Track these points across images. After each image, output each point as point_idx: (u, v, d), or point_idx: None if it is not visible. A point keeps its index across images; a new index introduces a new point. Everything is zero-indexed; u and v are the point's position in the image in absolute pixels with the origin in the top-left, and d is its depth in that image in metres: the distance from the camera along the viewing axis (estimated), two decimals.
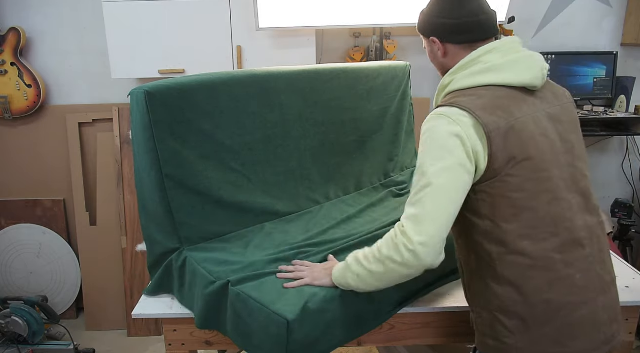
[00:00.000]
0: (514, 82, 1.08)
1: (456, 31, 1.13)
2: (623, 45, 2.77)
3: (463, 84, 1.10)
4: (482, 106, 1.03)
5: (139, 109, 1.27)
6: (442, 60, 1.18)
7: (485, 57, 1.10)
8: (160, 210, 1.31)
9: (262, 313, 1.12)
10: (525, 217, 1.03)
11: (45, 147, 2.75)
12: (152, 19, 2.27)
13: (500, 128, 1.01)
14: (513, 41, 1.13)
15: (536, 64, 1.11)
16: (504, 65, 1.08)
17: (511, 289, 1.04)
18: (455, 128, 1.01)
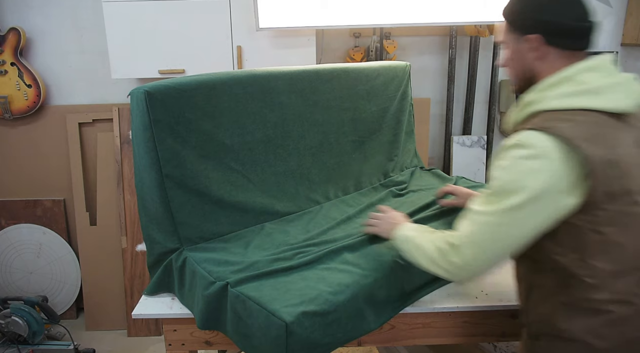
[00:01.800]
0: (612, 108, 0.98)
1: (570, 34, 1.01)
2: (623, 45, 2.77)
3: (556, 104, 0.98)
4: (583, 135, 0.93)
5: (139, 109, 1.27)
6: (531, 64, 1.05)
7: (582, 76, 0.99)
8: (160, 210, 1.31)
9: (261, 314, 1.12)
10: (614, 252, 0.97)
11: (45, 147, 2.75)
12: (152, 19, 2.27)
13: (602, 159, 0.93)
14: (611, 61, 1.03)
15: (635, 89, 1.02)
16: (602, 88, 0.98)
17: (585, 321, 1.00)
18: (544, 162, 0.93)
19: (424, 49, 2.73)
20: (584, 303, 0.99)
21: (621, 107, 0.98)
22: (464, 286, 1.43)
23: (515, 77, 1.10)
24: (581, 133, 0.93)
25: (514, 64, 1.08)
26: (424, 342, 1.40)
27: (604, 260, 0.97)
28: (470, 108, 2.74)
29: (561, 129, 0.93)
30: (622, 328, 0.99)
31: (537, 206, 0.94)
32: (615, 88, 0.99)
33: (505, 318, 1.38)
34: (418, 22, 2.31)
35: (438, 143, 2.86)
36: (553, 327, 1.03)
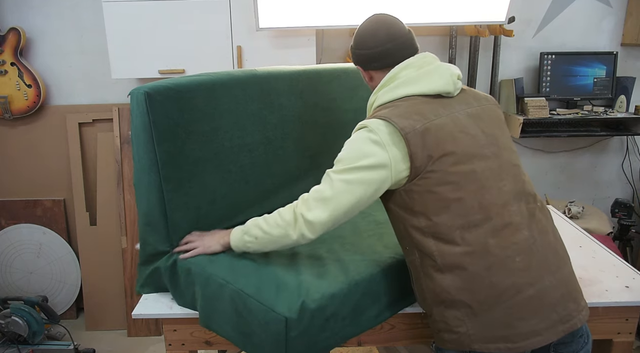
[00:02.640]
0: (428, 90, 1.18)
1: (372, 59, 1.26)
2: (623, 45, 2.77)
3: (384, 99, 1.21)
4: (398, 114, 1.13)
5: (139, 110, 1.27)
6: (370, 84, 1.31)
7: (401, 73, 1.22)
8: (155, 211, 1.31)
9: (260, 311, 1.12)
10: (454, 208, 1.09)
11: (45, 147, 2.75)
12: (152, 19, 2.27)
13: (416, 129, 1.10)
14: (425, 56, 1.25)
15: (446, 72, 1.20)
16: (418, 77, 1.19)
17: (453, 277, 1.09)
18: (374, 136, 1.11)
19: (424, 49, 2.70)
20: (448, 262, 1.09)
21: (436, 88, 1.18)
22: None
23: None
24: (397, 113, 1.13)
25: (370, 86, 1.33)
26: (424, 342, 1.40)
27: (448, 216, 1.09)
28: None
29: (383, 114, 1.14)
30: (490, 280, 1.07)
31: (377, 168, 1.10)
32: (429, 75, 1.20)
33: None
34: (418, 22, 2.31)
35: None
36: (436, 296, 1.12)
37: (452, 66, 1.24)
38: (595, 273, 1.46)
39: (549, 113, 2.62)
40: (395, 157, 1.10)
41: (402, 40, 1.25)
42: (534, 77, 2.79)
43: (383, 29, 1.25)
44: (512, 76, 2.75)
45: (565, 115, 2.66)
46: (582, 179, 2.98)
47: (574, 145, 2.91)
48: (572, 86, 2.72)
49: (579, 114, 2.67)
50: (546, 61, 2.68)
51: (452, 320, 1.10)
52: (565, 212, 2.57)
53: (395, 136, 1.10)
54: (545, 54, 2.68)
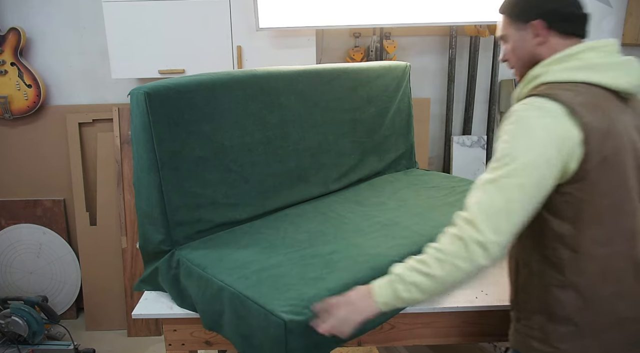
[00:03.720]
0: (612, 84, 1.02)
1: (568, 19, 1.07)
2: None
3: (560, 76, 1.03)
4: (583, 103, 0.97)
5: (139, 110, 1.27)
6: (534, 50, 1.08)
7: (584, 54, 1.04)
8: (155, 211, 1.31)
9: (259, 313, 1.12)
10: (608, 224, 0.99)
11: (45, 147, 2.75)
12: (152, 19, 2.27)
13: (600, 129, 0.96)
14: (613, 43, 1.07)
15: (635, 70, 1.05)
16: (603, 66, 1.03)
17: (576, 296, 1.01)
18: (551, 122, 0.95)
19: (424, 49, 2.73)
20: (577, 280, 1.00)
21: (621, 85, 1.02)
22: (464, 286, 1.43)
23: (519, 66, 1.13)
24: (581, 101, 0.97)
25: (517, 53, 1.12)
26: (424, 342, 1.41)
27: (598, 232, 0.99)
28: (470, 108, 2.74)
29: (562, 95, 0.98)
30: (613, 307, 1.00)
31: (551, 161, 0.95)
32: (615, 66, 1.04)
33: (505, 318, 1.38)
34: (418, 22, 2.31)
35: (438, 143, 2.86)
36: (546, 307, 1.04)
37: (637, 62, 1.06)
38: None
39: None
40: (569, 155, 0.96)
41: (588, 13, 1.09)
42: None
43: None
44: (512, 76, 2.75)
45: None
46: None
47: None
48: None
49: None
50: None
51: (553, 334, 1.04)
52: None
53: (575, 130, 0.96)
54: None
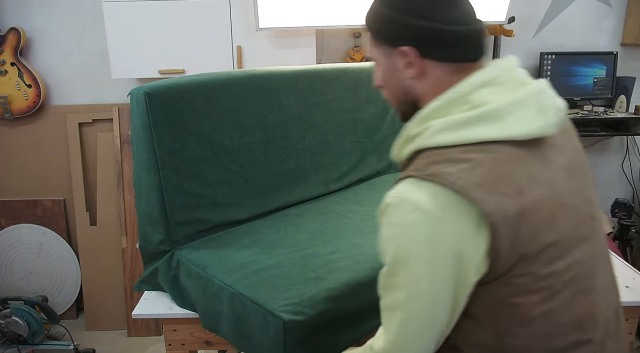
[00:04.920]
0: (522, 134, 0.73)
1: (443, 42, 0.77)
2: (623, 45, 2.77)
3: (443, 139, 0.73)
4: (480, 181, 0.69)
5: (139, 110, 1.27)
6: (410, 85, 0.81)
7: (476, 95, 0.75)
8: (155, 211, 1.31)
9: (259, 313, 1.12)
10: (538, 325, 0.74)
11: (45, 147, 2.75)
12: (152, 19, 2.27)
13: (508, 214, 0.69)
14: (513, 66, 0.79)
15: (548, 102, 0.77)
16: (504, 109, 0.73)
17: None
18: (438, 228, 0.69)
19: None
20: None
21: (534, 131, 0.73)
22: None
23: (395, 101, 0.87)
24: (478, 178, 0.69)
25: (389, 85, 0.85)
26: None
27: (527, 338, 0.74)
28: None
29: (450, 176, 0.69)
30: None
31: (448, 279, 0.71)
32: (522, 106, 0.74)
33: None
34: None
35: None
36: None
37: (548, 89, 0.80)
38: None
39: None
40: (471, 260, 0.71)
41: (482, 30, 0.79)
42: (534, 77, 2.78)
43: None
44: None
45: None
46: None
47: None
48: (572, 86, 2.72)
49: (579, 114, 2.67)
50: (546, 61, 2.68)
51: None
52: None
53: (473, 222, 0.69)
54: (545, 54, 2.67)
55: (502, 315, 0.74)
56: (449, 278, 0.71)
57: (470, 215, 0.69)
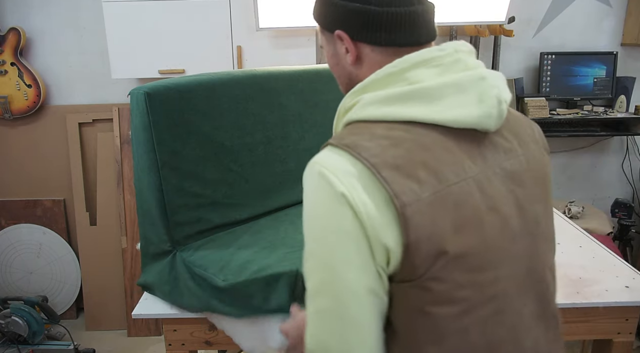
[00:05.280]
0: (453, 120, 0.67)
1: (376, 25, 0.71)
2: (623, 45, 2.77)
3: (371, 113, 0.69)
4: (395, 161, 0.63)
5: (139, 110, 1.27)
6: (351, 70, 0.77)
7: (414, 73, 0.69)
8: (156, 211, 1.31)
9: None
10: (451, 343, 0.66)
11: (45, 147, 2.75)
12: (152, 19, 2.27)
13: (422, 200, 0.62)
14: (459, 49, 0.72)
15: (490, 90, 0.69)
16: (439, 90, 0.67)
17: None
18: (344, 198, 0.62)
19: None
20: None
21: (468, 119, 0.67)
22: None
23: (343, 88, 0.82)
24: (393, 157, 0.63)
25: (337, 72, 0.81)
26: None
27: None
28: None
29: (364, 151, 0.64)
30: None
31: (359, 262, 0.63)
32: (459, 89, 0.67)
33: None
34: None
35: None
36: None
37: (495, 77, 0.73)
38: (595, 273, 1.46)
39: (549, 113, 2.62)
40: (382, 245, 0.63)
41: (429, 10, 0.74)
42: (534, 77, 2.79)
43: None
44: (512, 76, 2.75)
45: (565, 115, 2.66)
46: (582, 179, 2.98)
47: (574, 145, 2.91)
48: (572, 86, 2.72)
49: (579, 114, 2.67)
50: (546, 61, 2.68)
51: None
52: (565, 212, 2.57)
53: (383, 204, 0.62)
54: (545, 54, 2.67)
55: (416, 325, 0.66)
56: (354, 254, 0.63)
57: (380, 194, 0.62)
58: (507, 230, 0.69)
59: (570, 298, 1.34)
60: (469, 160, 0.68)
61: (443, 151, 0.66)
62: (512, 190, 0.71)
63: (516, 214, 0.71)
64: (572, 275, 1.46)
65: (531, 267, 0.73)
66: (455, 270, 0.64)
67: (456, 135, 0.68)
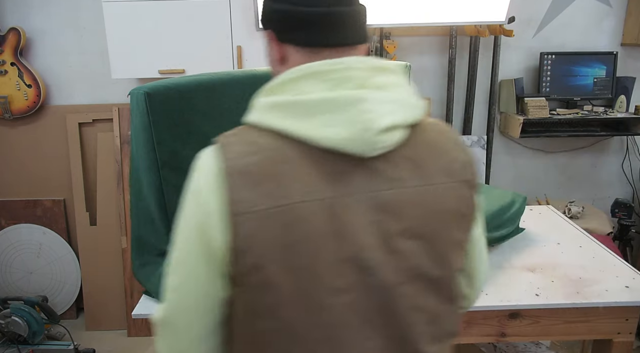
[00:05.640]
0: (319, 139, 0.65)
1: (297, 25, 0.70)
2: (623, 45, 2.77)
3: (255, 117, 0.69)
4: (247, 168, 0.64)
5: (139, 110, 1.27)
6: (277, 69, 0.75)
7: (305, 83, 0.67)
8: (155, 212, 1.31)
9: None
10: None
11: (45, 147, 2.75)
12: (152, 19, 2.27)
13: (257, 212, 0.63)
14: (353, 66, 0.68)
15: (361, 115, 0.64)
16: (317, 106, 0.65)
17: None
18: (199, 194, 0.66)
19: (424, 49, 2.73)
20: None
21: (335, 142, 0.64)
22: None
23: None
24: (244, 166, 0.64)
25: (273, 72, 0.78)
26: None
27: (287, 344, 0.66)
28: (470, 108, 2.74)
29: (229, 152, 0.66)
30: None
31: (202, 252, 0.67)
32: (334, 108, 0.64)
33: (505, 318, 1.38)
34: (418, 22, 2.31)
35: None
36: None
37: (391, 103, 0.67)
38: (595, 273, 1.46)
39: (549, 113, 2.62)
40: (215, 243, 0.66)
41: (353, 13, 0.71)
42: (534, 77, 2.79)
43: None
44: (512, 76, 2.75)
45: (565, 115, 2.66)
46: (582, 179, 2.98)
47: (574, 145, 2.91)
48: (572, 86, 2.72)
49: (579, 114, 2.67)
50: (546, 61, 2.68)
51: None
52: (565, 212, 2.57)
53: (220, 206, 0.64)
54: (545, 54, 2.67)
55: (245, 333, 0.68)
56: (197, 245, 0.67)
57: (222, 197, 0.64)
58: (356, 260, 0.65)
59: (570, 298, 1.34)
60: (326, 182, 0.65)
61: (300, 168, 0.65)
62: (378, 221, 0.66)
63: (377, 246, 0.66)
64: (572, 275, 1.46)
65: (386, 303, 0.67)
66: (282, 287, 0.64)
67: (324, 155, 0.65)
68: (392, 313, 0.68)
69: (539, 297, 1.35)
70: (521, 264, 1.52)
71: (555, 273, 1.46)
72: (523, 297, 1.35)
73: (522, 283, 1.42)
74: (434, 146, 0.72)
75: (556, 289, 1.38)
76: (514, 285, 1.41)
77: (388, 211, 0.67)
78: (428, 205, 0.69)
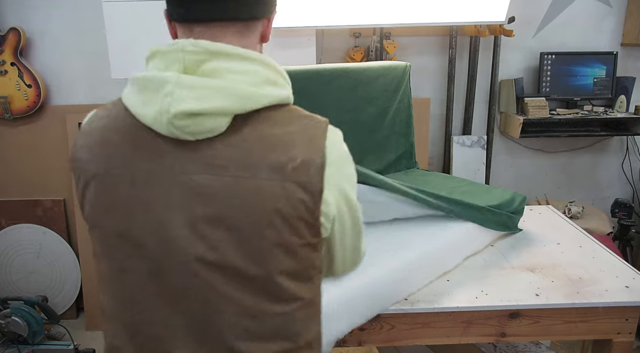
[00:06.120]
0: (137, 114, 0.71)
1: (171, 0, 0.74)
2: (623, 45, 2.77)
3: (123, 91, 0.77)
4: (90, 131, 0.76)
5: None
6: None
7: (152, 62, 0.73)
8: None
9: None
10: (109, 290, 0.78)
11: (45, 147, 2.75)
12: (152, 19, 2.27)
13: (86, 172, 0.73)
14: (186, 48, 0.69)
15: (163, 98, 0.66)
16: (144, 83, 0.70)
17: None
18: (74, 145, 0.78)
19: (424, 49, 2.73)
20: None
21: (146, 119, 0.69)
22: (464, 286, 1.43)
23: None
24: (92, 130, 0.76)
25: None
26: (424, 342, 1.40)
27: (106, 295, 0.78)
28: (470, 108, 2.74)
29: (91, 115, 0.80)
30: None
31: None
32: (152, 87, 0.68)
33: (505, 318, 1.38)
34: (418, 22, 2.31)
35: (438, 143, 2.86)
36: None
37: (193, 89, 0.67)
38: (595, 273, 1.46)
39: (549, 113, 2.62)
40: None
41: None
42: (534, 77, 2.79)
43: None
44: (512, 76, 2.75)
45: (565, 115, 2.66)
46: (582, 179, 2.98)
47: (574, 145, 2.91)
48: (572, 86, 2.72)
49: (579, 114, 2.67)
50: (546, 61, 2.68)
51: None
52: (565, 212, 2.57)
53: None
54: (545, 54, 2.67)
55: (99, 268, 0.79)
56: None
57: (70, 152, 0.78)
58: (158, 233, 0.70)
59: (570, 298, 1.34)
60: (144, 155, 0.70)
61: (126, 138, 0.71)
62: (188, 203, 0.68)
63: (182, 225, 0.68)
64: (572, 275, 1.46)
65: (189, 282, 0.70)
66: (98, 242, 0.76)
67: (149, 130, 0.70)
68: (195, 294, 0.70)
69: (539, 297, 1.35)
70: (521, 264, 1.52)
71: (555, 273, 1.46)
72: (523, 297, 1.35)
73: (522, 283, 1.42)
74: (267, 140, 0.69)
75: (556, 289, 1.38)
76: (514, 285, 1.41)
77: (201, 195, 0.68)
78: (247, 199, 0.67)
